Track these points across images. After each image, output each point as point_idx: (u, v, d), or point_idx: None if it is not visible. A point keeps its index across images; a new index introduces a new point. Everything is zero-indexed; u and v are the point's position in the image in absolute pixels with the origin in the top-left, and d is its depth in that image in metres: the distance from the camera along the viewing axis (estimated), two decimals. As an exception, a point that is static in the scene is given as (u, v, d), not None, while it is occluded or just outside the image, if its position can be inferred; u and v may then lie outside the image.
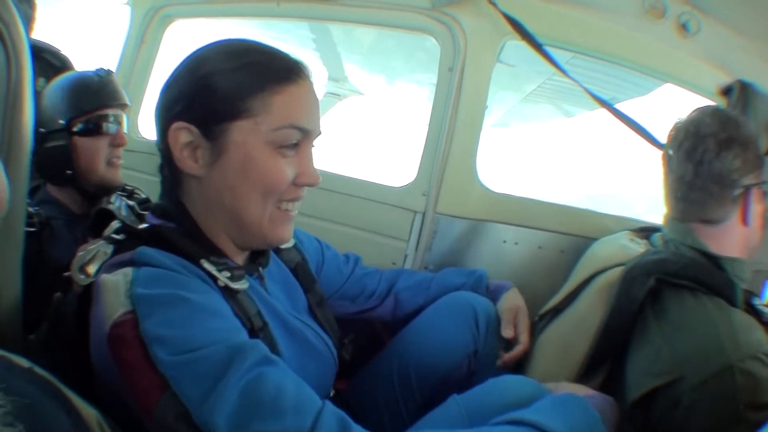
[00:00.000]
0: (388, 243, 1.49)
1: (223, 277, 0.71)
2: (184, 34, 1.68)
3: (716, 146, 0.93)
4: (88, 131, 1.16)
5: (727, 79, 1.38)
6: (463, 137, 1.44)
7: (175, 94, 0.71)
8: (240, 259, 0.79)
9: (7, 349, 0.46)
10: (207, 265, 0.70)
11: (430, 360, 1.07)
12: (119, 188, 1.25)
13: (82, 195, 1.21)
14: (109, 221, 0.78)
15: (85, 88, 1.17)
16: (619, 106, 1.40)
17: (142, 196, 1.31)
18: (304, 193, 0.76)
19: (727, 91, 1.37)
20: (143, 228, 0.74)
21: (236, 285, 0.72)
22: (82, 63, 1.43)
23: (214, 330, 0.62)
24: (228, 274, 0.71)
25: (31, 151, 0.72)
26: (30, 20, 1.35)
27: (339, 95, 3.90)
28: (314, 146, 0.76)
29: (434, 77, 1.48)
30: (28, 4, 1.34)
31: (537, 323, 1.20)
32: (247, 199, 0.71)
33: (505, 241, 1.48)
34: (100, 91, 1.18)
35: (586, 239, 1.34)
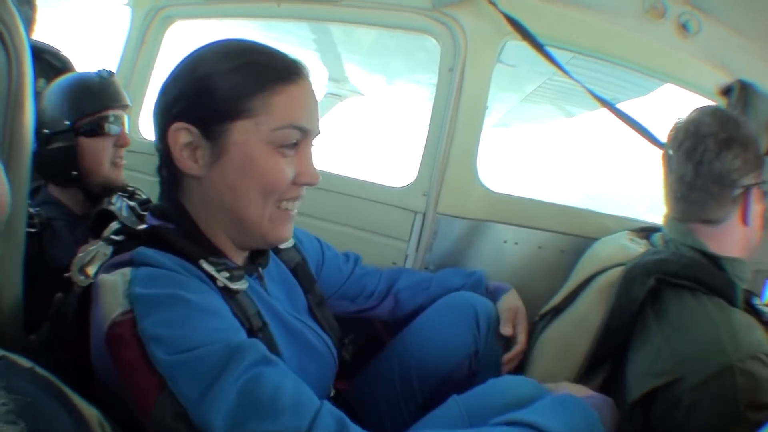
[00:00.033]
0: (389, 243, 1.49)
1: (222, 277, 0.71)
2: (184, 35, 1.68)
3: (716, 146, 0.93)
4: (93, 132, 1.17)
5: (727, 79, 1.37)
6: (464, 137, 1.44)
7: (174, 95, 0.71)
8: (239, 259, 0.79)
9: (8, 350, 0.46)
10: (206, 266, 0.70)
11: (431, 360, 1.07)
12: (122, 188, 1.26)
13: (86, 195, 1.22)
14: (110, 222, 0.78)
15: (91, 89, 1.18)
16: (619, 106, 1.40)
17: (143, 196, 1.31)
18: (303, 193, 0.76)
19: (727, 91, 1.37)
20: (142, 229, 0.74)
21: (235, 285, 0.72)
22: (82, 64, 1.43)
23: (212, 329, 0.62)
24: (227, 274, 0.71)
25: (33, 152, 0.72)
26: (31, 22, 1.35)
27: (339, 96, 3.89)
28: (313, 146, 0.76)
29: (435, 77, 1.48)
30: (29, 6, 1.34)
31: (537, 323, 1.20)
32: (247, 199, 0.71)
33: (506, 241, 1.48)
34: (105, 92, 1.19)
35: (587, 239, 1.34)
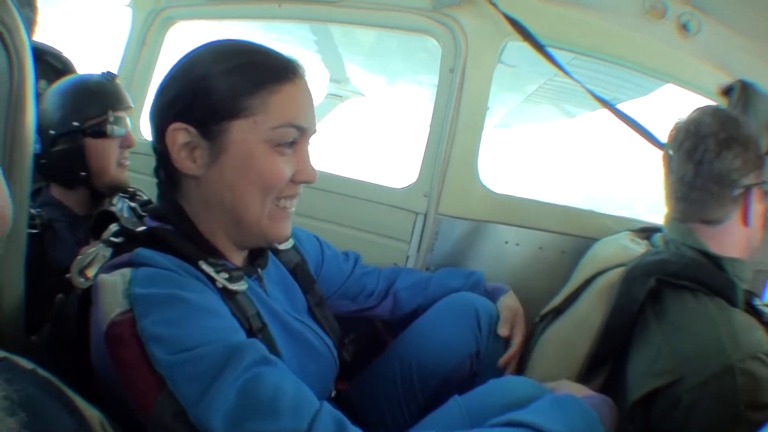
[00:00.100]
0: (390, 244, 1.49)
1: (221, 278, 0.71)
2: (185, 36, 1.69)
3: (716, 146, 0.93)
4: (101, 133, 1.18)
5: (727, 79, 1.37)
6: (465, 138, 1.44)
7: (172, 96, 0.71)
8: (238, 260, 0.79)
9: (10, 351, 0.46)
10: (205, 267, 0.71)
11: (432, 361, 1.07)
12: (128, 188, 1.27)
13: (93, 196, 1.23)
14: (111, 223, 0.78)
15: (98, 91, 1.19)
16: (619, 107, 1.40)
17: (144, 197, 1.32)
18: (301, 190, 0.77)
19: (727, 91, 1.37)
20: (141, 231, 0.74)
21: (234, 286, 0.72)
22: (83, 65, 1.43)
23: (212, 329, 0.63)
24: (226, 275, 0.72)
25: (35, 154, 0.72)
26: (32, 23, 1.35)
27: (340, 97, 3.89)
28: (309, 144, 0.77)
29: (435, 78, 1.48)
30: (30, 8, 1.34)
31: (538, 324, 1.20)
32: (246, 198, 0.72)
33: (507, 242, 1.48)
34: (111, 94, 1.21)
35: (587, 240, 1.34)
